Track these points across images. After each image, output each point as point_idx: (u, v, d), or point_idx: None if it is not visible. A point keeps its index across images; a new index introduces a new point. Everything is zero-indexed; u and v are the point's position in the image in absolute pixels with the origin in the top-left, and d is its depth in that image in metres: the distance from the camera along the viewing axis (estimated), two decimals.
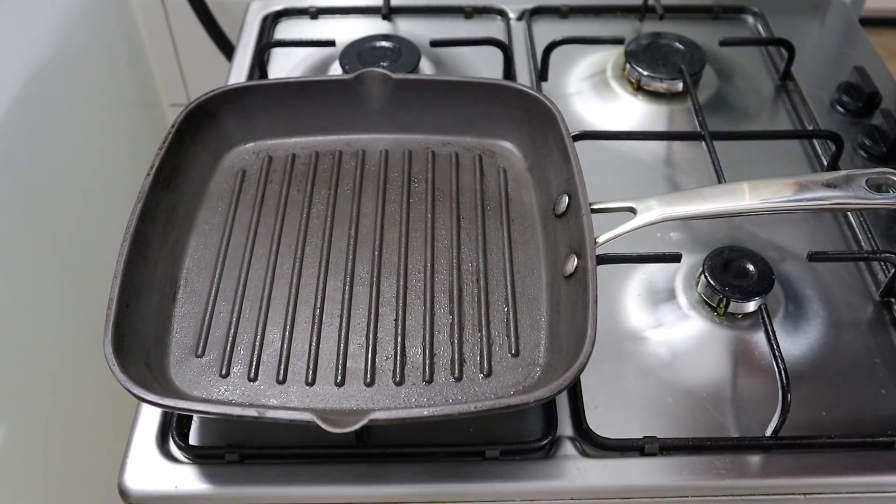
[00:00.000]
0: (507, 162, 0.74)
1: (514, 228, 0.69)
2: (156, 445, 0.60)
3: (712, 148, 0.77)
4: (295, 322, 0.63)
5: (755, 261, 0.67)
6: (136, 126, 1.17)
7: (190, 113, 0.71)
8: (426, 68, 0.89)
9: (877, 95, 0.85)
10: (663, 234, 0.73)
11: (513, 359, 0.61)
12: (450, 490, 0.58)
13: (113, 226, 0.69)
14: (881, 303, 0.69)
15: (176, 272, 0.66)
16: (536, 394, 0.52)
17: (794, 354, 0.65)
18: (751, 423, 0.61)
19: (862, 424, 0.61)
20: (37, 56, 0.89)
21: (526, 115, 0.73)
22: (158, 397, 0.53)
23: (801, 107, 0.87)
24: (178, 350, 0.61)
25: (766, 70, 0.93)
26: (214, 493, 0.58)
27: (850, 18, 1.01)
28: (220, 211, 0.70)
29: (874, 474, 0.59)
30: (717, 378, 0.64)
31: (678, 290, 0.69)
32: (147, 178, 0.65)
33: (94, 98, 1.04)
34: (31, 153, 0.88)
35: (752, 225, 0.74)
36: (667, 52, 0.89)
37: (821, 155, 0.82)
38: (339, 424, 0.50)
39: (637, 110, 0.87)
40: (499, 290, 0.64)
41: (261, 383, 0.59)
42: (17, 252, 0.85)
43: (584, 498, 0.59)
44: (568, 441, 0.60)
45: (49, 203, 0.92)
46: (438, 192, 0.72)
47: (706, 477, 0.59)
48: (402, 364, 0.60)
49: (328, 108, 0.74)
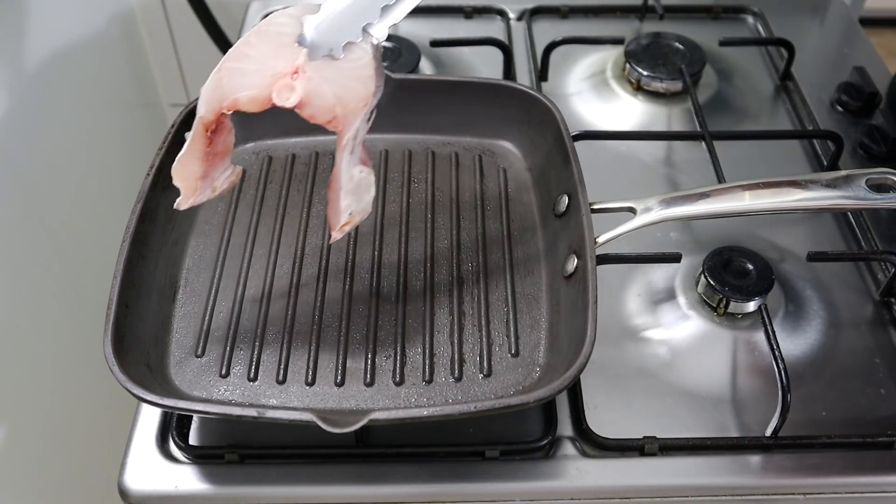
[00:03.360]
0: (507, 162, 0.74)
1: (514, 228, 0.69)
2: (156, 445, 0.60)
3: (712, 148, 0.77)
4: (295, 322, 0.63)
5: (755, 261, 0.67)
6: (136, 126, 1.17)
7: (190, 113, 0.71)
8: (426, 68, 0.89)
9: (877, 95, 0.85)
10: (663, 234, 0.73)
11: (513, 359, 0.61)
12: (450, 490, 0.58)
13: (113, 226, 0.69)
14: (881, 303, 0.69)
15: (176, 272, 0.66)
16: (536, 394, 0.52)
17: (794, 354, 0.65)
18: (751, 423, 0.61)
19: (862, 424, 0.61)
20: (37, 56, 0.89)
21: (526, 115, 0.73)
22: (158, 397, 0.53)
23: (801, 107, 0.87)
24: (178, 350, 0.61)
25: (766, 70, 0.93)
26: (214, 493, 0.58)
27: (850, 18, 1.01)
28: (220, 211, 0.70)
29: (874, 474, 0.59)
30: (717, 378, 0.64)
31: (678, 290, 0.69)
32: (147, 178, 0.65)
33: (94, 98, 1.04)
34: (31, 153, 0.88)
35: (752, 225, 0.74)
36: (667, 52, 0.89)
37: (821, 155, 0.82)
38: (339, 424, 0.50)
39: (637, 110, 0.87)
40: (499, 290, 0.65)
41: (261, 383, 0.59)
42: (16, 252, 0.85)
43: (584, 498, 0.59)
44: (568, 441, 0.60)
45: (49, 203, 0.92)
46: (438, 192, 0.72)
47: (706, 477, 0.59)
48: (402, 364, 0.60)
49: None
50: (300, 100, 0.51)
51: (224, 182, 0.58)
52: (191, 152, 0.55)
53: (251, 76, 0.51)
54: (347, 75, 0.51)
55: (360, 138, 0.53)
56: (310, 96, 0.50)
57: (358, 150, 0.54)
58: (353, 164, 0.53)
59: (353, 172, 0.53)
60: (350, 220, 0.55)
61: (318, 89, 0.50)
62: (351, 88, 0.51)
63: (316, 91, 0.50)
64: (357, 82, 0.51)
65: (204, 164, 0.56)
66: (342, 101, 0.51)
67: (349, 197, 0.54)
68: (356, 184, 0.54)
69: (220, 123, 0.55)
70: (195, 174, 0.55)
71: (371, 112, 0.53)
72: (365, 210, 0.56)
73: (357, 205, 0.54)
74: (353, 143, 0.52)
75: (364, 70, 0.51)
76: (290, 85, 0.50)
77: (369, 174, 0.55)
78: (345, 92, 0.51)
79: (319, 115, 0.52)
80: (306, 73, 0.51)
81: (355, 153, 0.53)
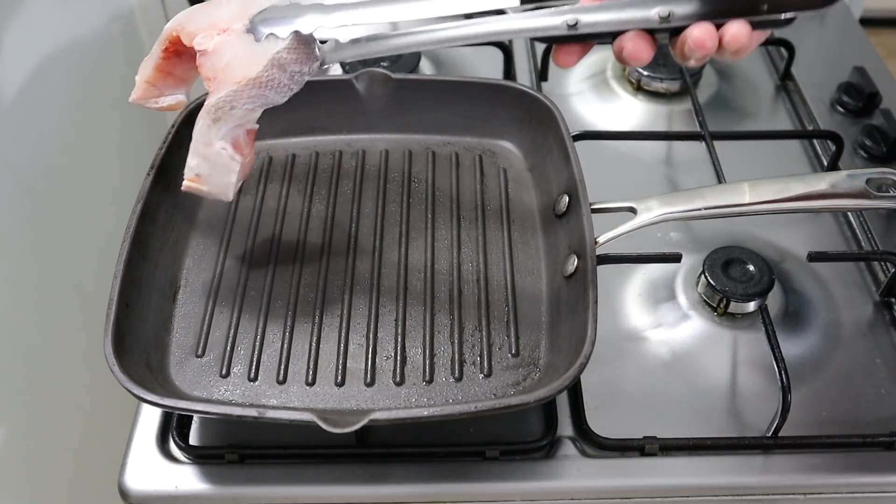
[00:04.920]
0: (507, 162, 0.74)
1: (514, 228, 0.69)
2: (156, 445, 0.60)
3: (712, 148, 0.77)
4: (295, 322, 0.63)
5: (755, 261, 0.67)
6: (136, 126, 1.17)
7: (190, 113, 0.71)
8: (426, 68, 0.89)
9: (877, 95, 0.85)
10: (663, 234, 0.73)
11: (513, 359, 0.61)
12: (450, 490, 0.58)
13: (113, 226, 0.69)
14: (881, 303, 0.69)
15: (176, 272, 0.66)
16: (536, 394, 0.52)
17: (794, 354, 0.65)
18: (751, 423, 0.61)
19: (862, 424, 0.61)
20: (37, 56, 0.89)
21: (526, 115, 0.73)
22: (158, 397, 0.53)
23: (801, 107, 0.87)
24: (178, 350, 0.61)
25: (766, 70, 0.93)
26: (214, 493, 0.58)
27: (850, 18, 1.01)
28: (220, 211, 0.70)
29: (874, 474, 0.59)
30: (717, 378, 0.64)
31: (678, 290, 0.69)
32: (147, 178, 0.65)
33: (94, 98, 1.04)
34: (31, 153, 0.88)
35: (752, 225, 0.74)
36: (666, 52, 0.88)
37: (821, 155, 0.82)
38: (339, 424, 0.50)
39: (637, 110, 0.87)
40: (499, 290, 0.64)
41: (261, 383, 0.59)
42: (16, 252, 0.85)
43: (584, 498, 0.59)
44: (568, 441, 0.60)
45: (49, 203, 0.92)
46: (438, 192, 0.72)
47: (706, 477, 0.59)
48: (403, 364, 0.60)
49: (328, 108, 0.74)
50: (206, 50, 0.58)
51: (165, 102, 0.63)
52: (150, 56, 0.62)
53: (203, 19, 0.59)
54: (248, 53, 0.57)
55: (235, 117, 0.58)
56: (214, 52, 0.57)
57: (232, 128, 0.58)
58: (215, 134, 0.58)
59: (212, 141, 0.58)
60: (196, 180, 0.59)
61: (221, 49, 0.57)
62: (241, 64, 0.57)
63: (218, 50, 0.57)
64: (249, 62, 0.57)
65: (154, 74, 0.62)
66: (227, 69, 0.57)
67: (197, 158, 0.58)
68: (214, 155, 0.58)
69: (177, 48, 0.60)
70: (145, 77, 0.62)
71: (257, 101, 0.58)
72: (222, 192, 0.60)
73: (208, 175, 0.59)
74: (220, 112, 0.57)
75: (262, 57, 0.56)
76: (211, 36, 0.57)
77: (233, 160, 0.59)
78: (235, 63, 0.57)
79: (207, 69, 0.58)
80: (228, 36, 0.58)
81: (222, 125, 0.58)
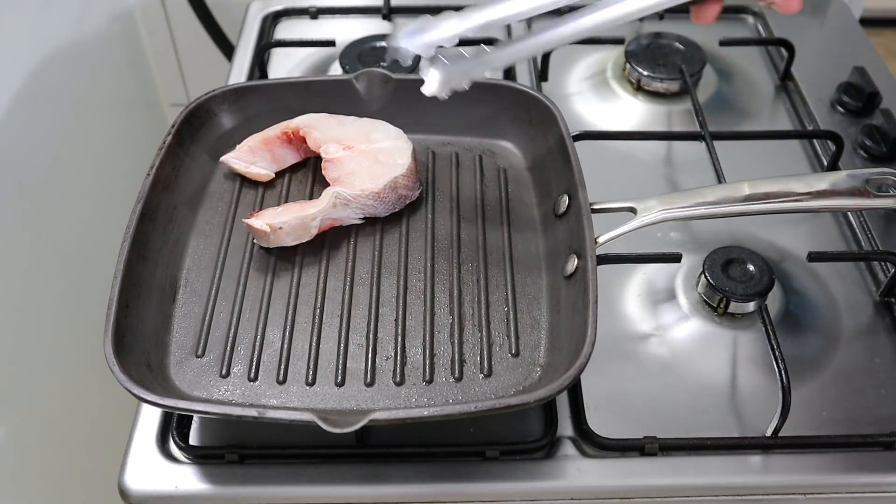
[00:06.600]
0: (507, 162, 0.74)
1: (514, 228, 0.69)
2: (156, 445, 0.60)
3: (712, 148, 0.77)
4: (295, 322, 0.63)
5: (755, 261, 0.67)
6: (136, 126, 1.17)
7: (190, 113, 0.71)
8: None
9: (877, 95, 0.85)
10: (663, 234, 0.73)
11: (513, 359, 0.61)
12: (450, 490, 0.58)
13: (113, 226, 0.69)
14: (881, 303, 0.69)
15: (176, 272, 0.66)
16: (536, 394, 0.52)
17: (794, 354, 0.65)
18: (751, 423, 0.61)
19: (862, 424, 0.61)
20: (37, 56, 0.89)
21: (526, 115, 0.73)
22: (158, 397, 0.53)
23: (801, 107, 0.87)
24: (178, 350, 0.61)
25: (766, 70, 0.93)
26: (214, 493, 0.58)
27: (850, 18, 1.01)
28: (220, 211, 0.70)
29: (874, 474, 0.59)
30: (717, 378, 0.64)
31: (678, 290, 0.69)
32: (147, 178, 0.65)
33: (94, 98, 1.04)
34: (31, 153, 0.88)
35: (752, 225, 0.74)
36: (667, 52, 0.89)
37: (821, 155, 0.82)
38: (339, 424, 0.50)
39: (637, 110, 0.87)
40: (499, 290, 0.64)
41: (261, 383, 0.59)
42: (17, 252, 0.85)
43: (584, 498, 0.59)
44: (568, 441, 0.60)
45: (49, 203, 0.92)
46: (438, 192, 0.72)
47: (706, 477, 0.59)
48: (403, 364, 0.60)
49: (328, 108, 0.74)
50: (333, 158, 0.69)
51: (254, 170, 0.71)
52: (264, 131, 0.72)
53: (331, 132, 0.71)
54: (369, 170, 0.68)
55: (342, 213, 0.67)
56: (339, 160, 0.69)
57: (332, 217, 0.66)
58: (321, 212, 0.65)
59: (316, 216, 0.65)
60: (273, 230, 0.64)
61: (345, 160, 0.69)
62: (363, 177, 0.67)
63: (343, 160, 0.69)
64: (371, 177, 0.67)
65: (260, 144, 0.71)
66: (350, 176, 0.68)
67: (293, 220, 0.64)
68: (305, 226, 0.65)
69: (291, 138, 0.71)
70: (251, 142, 0.72)
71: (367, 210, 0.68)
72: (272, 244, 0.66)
73: (285, 234, 0.65)
74: (339, 202, 0.66)
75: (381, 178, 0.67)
76: (338, 148, 0.70)
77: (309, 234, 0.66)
78: (358, 174, 0.68)
79: (331, 172, 0.69)
80: (352, 152, 0.69)
81: (330, 212, 0.66)
